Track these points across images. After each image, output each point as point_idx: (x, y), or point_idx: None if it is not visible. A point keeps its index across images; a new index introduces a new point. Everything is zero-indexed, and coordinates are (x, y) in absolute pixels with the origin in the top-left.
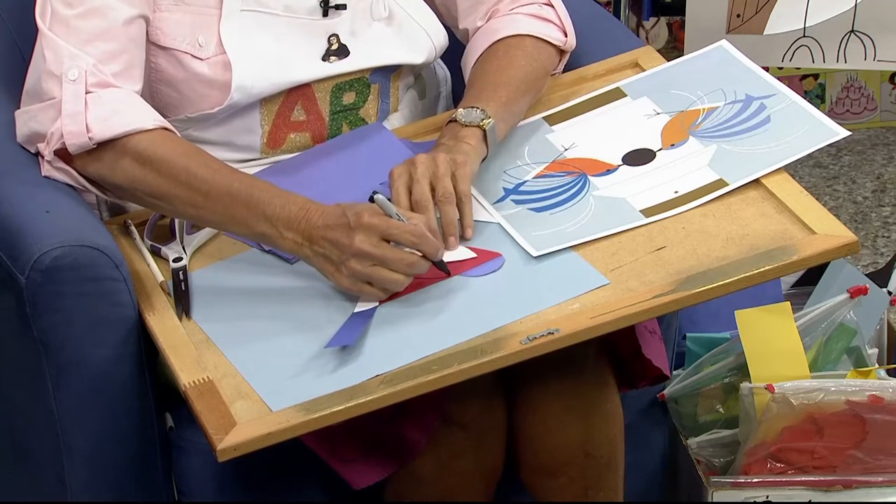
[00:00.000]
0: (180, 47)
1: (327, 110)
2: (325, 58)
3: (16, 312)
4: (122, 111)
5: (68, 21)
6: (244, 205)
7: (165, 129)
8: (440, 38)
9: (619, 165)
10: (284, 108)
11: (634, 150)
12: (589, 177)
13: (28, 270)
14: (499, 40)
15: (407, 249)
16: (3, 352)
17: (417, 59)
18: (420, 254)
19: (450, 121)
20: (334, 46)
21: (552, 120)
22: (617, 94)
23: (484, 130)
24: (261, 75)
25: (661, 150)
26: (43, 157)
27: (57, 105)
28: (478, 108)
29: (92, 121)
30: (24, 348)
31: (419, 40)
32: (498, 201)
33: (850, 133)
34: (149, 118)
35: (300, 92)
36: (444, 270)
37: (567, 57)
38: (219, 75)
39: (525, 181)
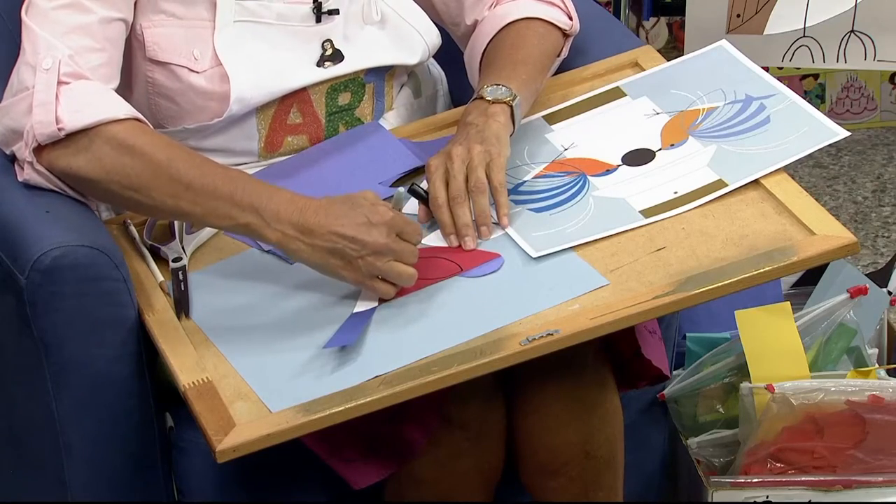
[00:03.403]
0: (177, 61)
1: (323, 112)
2: (320, 63)
3: (16, 312)
4: (95, 103)
5: (47, 13)
6: (228, 196)
7: (139, 120)
8: (433, 38)
9: (619, 165)
10: (280, 112)
11: (634, 150)
12: (588, 177)
13: (28, 270)
14: (509, 23)
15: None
16: (3, 352)
17: (411, 59)
18: None
19: (475, 98)
20: (328, 52)
21: (552, 119)
22: (617, 94)
23: (511, 107)
24: (258, 85)
25: (660, 150)
26: (21, 163)
27: (29, 97)
28: (503, 85)
29: (62, 112)
30: (24, 348)
31: (412, 41)
32: None
33: (849, 133)
34: (122, 108)
35: (296, 96)
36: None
37: (571, 41)
38: (216, 87)
39: (525, 181)
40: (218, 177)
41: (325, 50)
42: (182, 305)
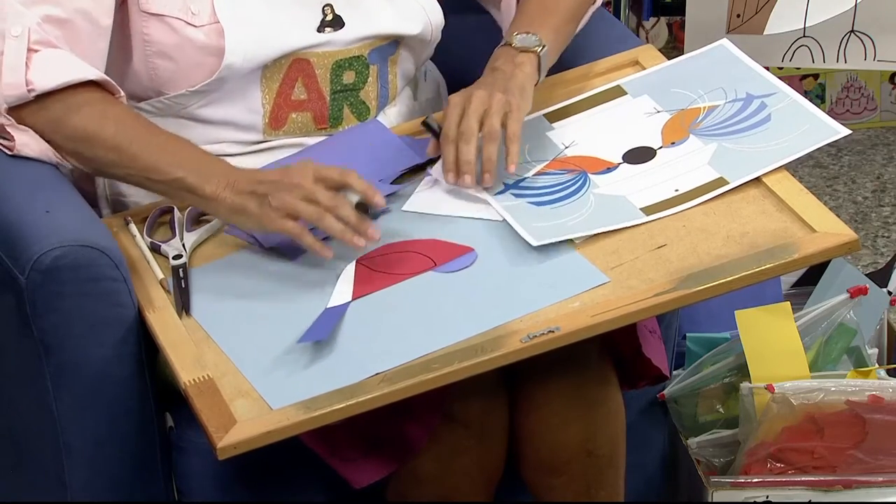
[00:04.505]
0: (172, 13)
1: (328, 89)
2: (321, 28)
3: (16, 312)
4: (66, 66)
5: None
6: (170, 153)
7: (106, 88)
8: (436, 15)
9: (620, 163)
10: (285, 85)
11: (635, 149)
12: (589, 175)
13: (28, 270)
14: None
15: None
16: (3, 352)
17: (412, 29)
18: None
19: (504, 44)
20: (329, 17)
21: (552, 118)
22: (618, 92)
23: (539, 57)
24: (255, 40)
25: (661, 148)
26: (3, 132)
27: None
28: (532, 33)
29: (32, 76)
30: (24, 348)
31: (413, 11)
32: (498, 193)
33: (850, 132)
34: (90, 71)
35: (300, 67)
36: (367, 211)
37: (595, 8)
38: (213, 42)
39: (525, 178)
40: (164, 138)
41: (325, 15)
42: (182, 303)
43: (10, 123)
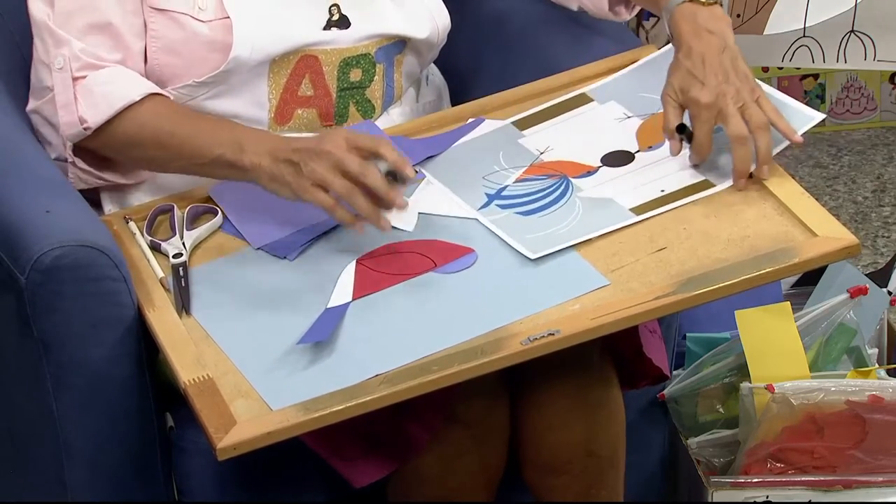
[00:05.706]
0: (179, 9)
1: (334, 86)
2: (327, 28)
3: (16, 312)
4: (111, 92)
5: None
6: (209, 134)
7: (155, 94)
8: (443, 19)
9: (600, 167)
10: (292, 81)
11: (612, 152)
12: (571, 179)
13: (28, 270)
14: None
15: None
16: (3, 352)
17: (419, 33)
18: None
19: (683, 2)
20: (335, 17)
21: (521, 125)
22: (583, 100)
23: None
24: (263, 34)
25: (638, 152)
26: (67, 165)
27: (52, 99)
28: None
29: (83, 111)
30: (24, 348)
31: (420, 15)
32: (482, 207)
33: (824, 116)
34: (136, 89)
35: (307, 64)
36: (397, 180)
37: None
38: (219, 37)
39: (506, 185)
40: (202, 118)
41: (331, 14)
42: (182, 302)
43: (72, 161)
